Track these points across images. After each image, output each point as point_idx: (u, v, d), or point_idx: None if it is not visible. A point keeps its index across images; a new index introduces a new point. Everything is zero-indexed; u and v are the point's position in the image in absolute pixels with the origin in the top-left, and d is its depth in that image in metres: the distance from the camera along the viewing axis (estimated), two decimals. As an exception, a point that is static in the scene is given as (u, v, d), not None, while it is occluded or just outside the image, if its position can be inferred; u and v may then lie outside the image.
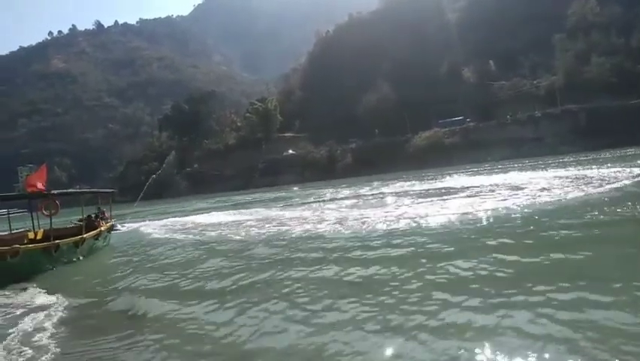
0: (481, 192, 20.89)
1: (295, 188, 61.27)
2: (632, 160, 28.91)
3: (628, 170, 22.19)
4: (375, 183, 42.28)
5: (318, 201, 29.25)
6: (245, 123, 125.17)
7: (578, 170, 26.71)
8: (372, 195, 29.28)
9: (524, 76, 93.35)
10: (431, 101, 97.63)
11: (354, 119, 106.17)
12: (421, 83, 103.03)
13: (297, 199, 35.08)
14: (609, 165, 28.26)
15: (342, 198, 29.43)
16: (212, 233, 17.55)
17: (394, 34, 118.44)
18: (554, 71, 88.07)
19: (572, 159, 44.48)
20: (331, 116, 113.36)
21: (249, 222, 19.86)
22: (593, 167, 27.24)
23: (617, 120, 69.55)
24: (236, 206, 35.86)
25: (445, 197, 20.32)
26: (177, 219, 27.86)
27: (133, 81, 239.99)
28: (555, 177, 24.13)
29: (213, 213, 29.38)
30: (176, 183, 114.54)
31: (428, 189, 27.45)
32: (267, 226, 17.64)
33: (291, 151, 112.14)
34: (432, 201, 19.46)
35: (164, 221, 26.72)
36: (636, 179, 18.02)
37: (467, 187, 24.46)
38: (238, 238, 15.27)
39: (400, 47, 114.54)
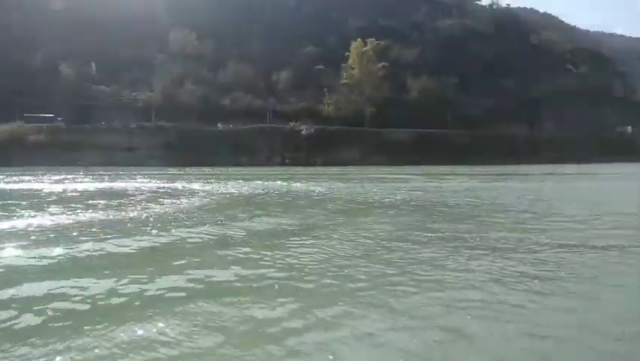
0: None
1: None
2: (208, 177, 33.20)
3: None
4: None
5: None
6: None
7: (167, 183, 27.70)
8: None
9: (126, 86, 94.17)
10: (22, 92, 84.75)
11: None
12: (12, 71, 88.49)
13: None
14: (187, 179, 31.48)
15: None
16: None
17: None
18: (153, 88, 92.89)
19: (163, 172, 46.84)
20: None
21: None
22: (184, 182, 29.35)
23: (201, 142, 79.66)
24: None
25: None
26: None
27: None
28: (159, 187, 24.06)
29: None
30: None
31: None
32: None
33: None
34: None
35: None
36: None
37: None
38: None
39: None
